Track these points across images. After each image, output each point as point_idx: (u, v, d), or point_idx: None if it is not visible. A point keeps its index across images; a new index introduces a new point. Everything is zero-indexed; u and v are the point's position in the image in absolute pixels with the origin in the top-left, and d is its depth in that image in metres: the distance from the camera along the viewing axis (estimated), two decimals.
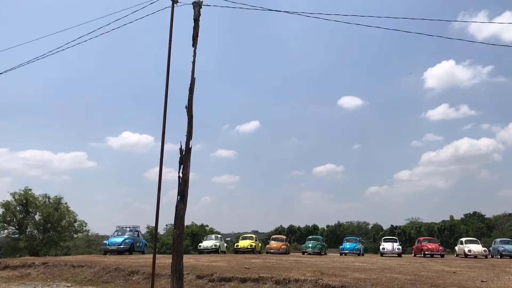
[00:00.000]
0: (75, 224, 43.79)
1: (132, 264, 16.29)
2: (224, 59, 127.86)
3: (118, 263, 16.44)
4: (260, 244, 35.80)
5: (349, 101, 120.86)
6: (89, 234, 50.45)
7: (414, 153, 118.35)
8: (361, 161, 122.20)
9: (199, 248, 32.02)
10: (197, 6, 10.20)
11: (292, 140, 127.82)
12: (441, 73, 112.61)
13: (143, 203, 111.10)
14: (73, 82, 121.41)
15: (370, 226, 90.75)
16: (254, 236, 35.82)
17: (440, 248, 30.64)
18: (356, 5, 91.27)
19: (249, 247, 31.92)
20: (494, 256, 31.39)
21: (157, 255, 23.86)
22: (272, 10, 12.18)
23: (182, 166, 9.19)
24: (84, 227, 45.08)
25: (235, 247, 33.54)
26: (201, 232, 51.97)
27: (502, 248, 30.93)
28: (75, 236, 46.25)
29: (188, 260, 19.33)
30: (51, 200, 42.92)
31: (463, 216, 77.72)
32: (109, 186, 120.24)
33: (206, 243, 31.79)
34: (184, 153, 9.27)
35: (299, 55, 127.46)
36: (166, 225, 56.25)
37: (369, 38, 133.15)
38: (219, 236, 35.01)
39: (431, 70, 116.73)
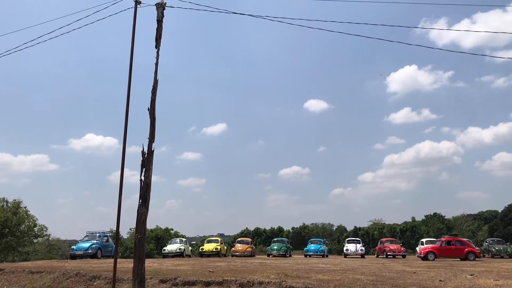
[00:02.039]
0: (35, 229, 42.52)
1: (94, 269, 15.93)
2: (190, 61, 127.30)
3: (79, 268, 16.04)
4: (225, 247, 35.69)
5: (315, 104, 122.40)
6: (50, 239, 49.10)
7: (377, 156, 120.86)
8: (326, 163, 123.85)
9: (163, 252, 31.66)
10: (161, 8, 10.11)
11: (258, 142, 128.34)
12: (403, 77, 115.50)
13: (107, 207, 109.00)
14: (33, 83, 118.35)
15: (334, 228, 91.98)
16: (219, 239, 35.72)
17: (402, 248, 31.35)
18: (320, 10, 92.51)
19: (214, 250, 31.79)
20: None
21: (120, 260, 23.63)
22: (236, 13, 12.19)
23: (144, 169, 9.07)
24: (44, 232, 43.86)
25: (200, 250, 33.35)
26: (166, 235, 51.32)
27: None
28: (35, 241, 44.94)
29: (152, 264, 19.07)
30: (9, 204, 41.55)
31: (424, 217, 79.71)
32: (72, 189, 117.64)
33: (171, 247, 31.46)
34: (146, 156, 9.15)
35: (266, 58, 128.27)
36: (130, 229, 55.30)
37: (334, 42, 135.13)
38: (184, 239, 34.73)
39: (394, 75, 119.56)
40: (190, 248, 34.18)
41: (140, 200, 9.02)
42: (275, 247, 32.64)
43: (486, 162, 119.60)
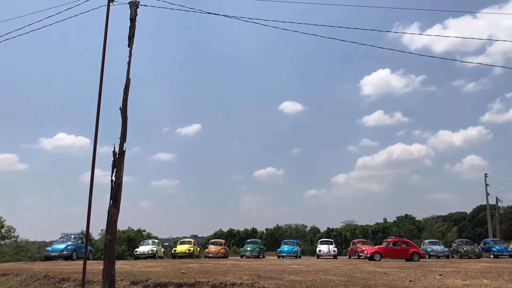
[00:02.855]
0: (2, 230, 41.45)
1: (63, 271, 15.61)
2: (165, 60, 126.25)
3: (47, 270, 15.70)
4: (198, 248, 35.50)
5: (290, 106, 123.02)
6: (18, 240, 47.87)
7: (351, 158, 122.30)
8: (300, 164, 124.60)
9: (135, 253, 31.28)
10: (134, 6, 9.98)
11: (234, 143, 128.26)
12: (377, 81, 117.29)
13: (78, 208, 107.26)
14: (2, 81, 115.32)
15: (308, 229, 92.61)
16: (192, 240, 35.51)
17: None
18: (295, 12, 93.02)
19: (187, 251, 31.59)
20: (423, 257, 32.91)
21: (91, 261, 23.27)
22: (210, 13, 12.15)
23: (115, 169, 8.93)
24: (12, 233, 42.80)
25: (172, 252, 33.07)
26: (138, 237, 50.66)
27: (430, 249, 32.55)
28: (2, 242, 43.76)
29: (123, 265, 18.81)
30: None
31: (395, 219, 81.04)
32: (42, 190, 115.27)
33: (143, 248, 31.12)
34: (117, 156, 9.01)
35: (242, 60, 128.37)
36: (102, 230, 54.44)
37: (309, 45, 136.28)
38: (156, 241, 34.37)
39: (368, 78, 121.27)
40: (162, 249, 33.86)
41: (111, 201, 8.87)
42: (249, 249, 32.60)
43: (456, 164, 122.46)
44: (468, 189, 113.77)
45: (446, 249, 33.29)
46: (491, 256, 31.64)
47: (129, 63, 9.56)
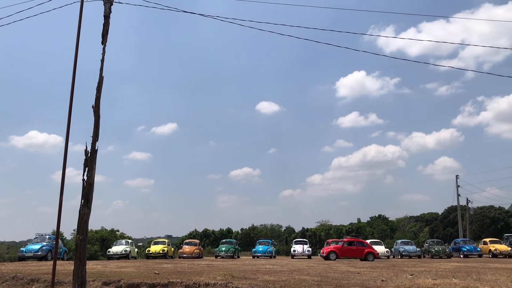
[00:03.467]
0: None
1: (33, 271, 15.28)
2: (141, 59, 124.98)
3: (16, 271, 15.34)
4: (172, 248, 35.22)
5: (266, 106, 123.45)
6: None
7: (326, 158, 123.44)
8: (276, 165, 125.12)
9: (108, 253, 30.88)
10: (108, 3, 9.84)
11: (209, 143, 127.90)
12: (352, 83, 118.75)
13: (49, 207, 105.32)
14: None
15: (283, 229, 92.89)
16: (166, 240, 35.23)
17: None
18: (272, 13, 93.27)
19: (161, 252, 31.32)
20: (396, 257, 33.39)
21: (63, 262, 22.89)
22: (186, 11, 12.07)
23: (87, 168, 8.78)
24: None
25: (146, 252, 32.74)
26: (111, 237, 49.98)
27: (402, 249, 33.06)
28: None
29: (96, 266, 18.52)
30: None
31: (369, 219, 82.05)
32: (13, 189, 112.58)
33: (116, 249, 30.74)
34: (89, 155, 8.86)
35: (219, 59, 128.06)
36: (74, 230, 53.52)
37: (286, 46, 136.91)
38: (130, 241, 34.00)
39: (343, 80, 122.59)
40: (136, 249, 33.50)
41: (82, 201, 8.72)
42: (223, 249, 32.52)
43: (428, 166, 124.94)
44: (440, 190, 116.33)
45: (418, 249, 33.83)
46: (461, 256, 32.31)
47: (102, 60, 9.41)
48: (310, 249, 33.34)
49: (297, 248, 33.55)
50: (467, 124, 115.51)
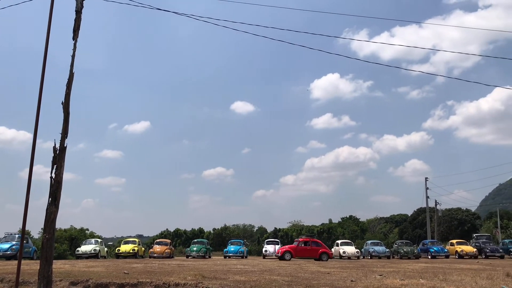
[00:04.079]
0: None
1: None
2: (115, 56, 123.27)
3: None
4: (143, 248, 34.87)
5: (241, 106, 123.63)
6: None
7: (299, 159, 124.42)
8: (250, 165, 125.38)
9: (77, 253, 30.36)
10: None
11: (183, 142, 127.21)
12: (326, 85, 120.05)
13: (17, 205, 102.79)
14: None
15: (255, 229, 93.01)
16: (137, 240, 34.85)
17: None
18: (247, 13, 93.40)
19: (131, 251, 30.97)
20: (365, 257, 33.87)
21: (30, 261, 22.38)
22: (160, 9, 11.95)
23: (55, 166, 8.59)
24: None
25: (116, 251, 32.30)
26: (81, 236, 49.07)
27: (372, 249, 33.57)
28: None
29: (64, 265, 18.18)
30: None
31: (340, 220, 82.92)
32: None
33: (85, 248, 30.24)
34: (58, 152, 8.67)
35: (195, 58, 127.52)
36: (42, 229, 52.38)
37: (262, 47, 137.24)
38: (99, 240, 33.49)
39: (318, 82, 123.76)
40: (106, 249, 33.00)
41: (50, 199, 8.53)
42: (195, 249, 32.41)
43: (399, 168, 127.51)
44: (410, 192, 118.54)
45: (387, 250, 34.41)
46: (429, 257, 33.00)
47: (73, 56, 9.22)
48: None
49: (269, 248, 33.67)
50: (437, 128, 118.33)
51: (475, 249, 32.93)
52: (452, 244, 35.19)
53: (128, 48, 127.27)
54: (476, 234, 38.56)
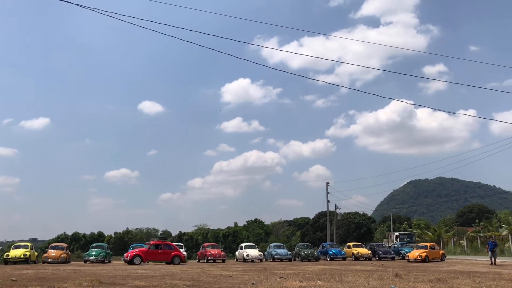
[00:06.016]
0: None
1: None
2: (11, 45, 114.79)
3: None
4: (36, 253, 32.62)
5: (150, 106, 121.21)
6: None
7: (208, 162, 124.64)
8: (156, 167, 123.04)
9: None
10: None
11: (85, 141, 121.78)
12: (237, 89, 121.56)
13: None
14: None
15: (159, 233, 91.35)
16: (29, 244, 32.54)
17: (222, 253, 32.44)
18: (157, 12, 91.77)
19: (22, 256, 28.80)
20: (268, 260, 34.50)
21: None
22: (63, 0, 11.28)
23: None
24: None
25: (5, 257, 29.89)
26: None
27: (275, 252, 34.31)
28: None
29: None
30: None
31: (246, 223, 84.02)
32: None
33: None
34: None
35: (101, 53, 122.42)
36: None
37: (174, 48, 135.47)
38: None
39: (229, 86, 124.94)
40: None
41: None
42: (93, 253, 30.96)
43: (303, 173, 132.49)
44: (312, 196, 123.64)
45: (289, 252, 35.32)
46: (328, 259, 34.41)
47: None
48: (185, 253, 33.09)
49: None
50: (338, 136, 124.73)
51: (369, 251, 34.99)
52: (349, 247, 37.04)
53: (29, 38, 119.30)
54: (399, 233, 43.48)
